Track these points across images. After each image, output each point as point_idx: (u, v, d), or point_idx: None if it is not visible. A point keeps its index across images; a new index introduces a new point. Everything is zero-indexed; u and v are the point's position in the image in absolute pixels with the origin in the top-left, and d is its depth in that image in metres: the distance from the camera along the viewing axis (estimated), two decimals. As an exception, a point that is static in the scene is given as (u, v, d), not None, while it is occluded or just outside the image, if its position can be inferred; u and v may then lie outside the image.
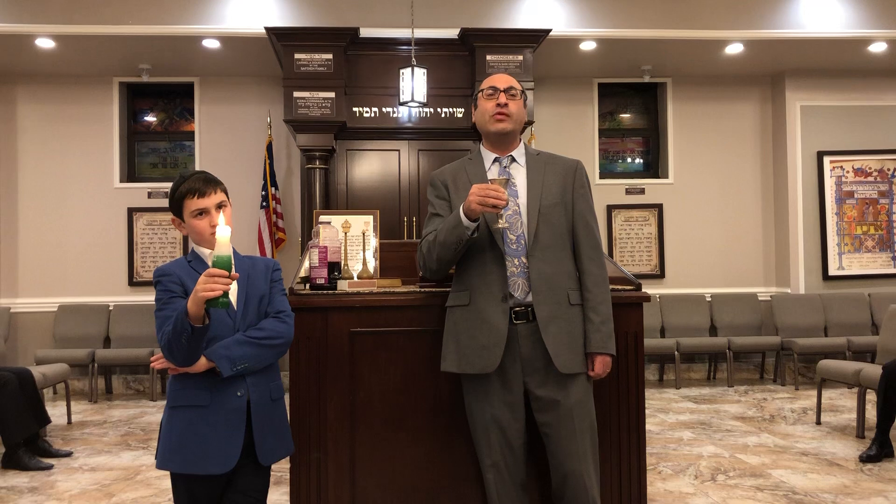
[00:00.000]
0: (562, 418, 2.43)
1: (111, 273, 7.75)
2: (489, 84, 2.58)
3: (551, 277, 2.45)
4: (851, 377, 5.30)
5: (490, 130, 2.56)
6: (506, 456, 2.46)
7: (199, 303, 1.93)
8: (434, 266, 2.52)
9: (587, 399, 2.49)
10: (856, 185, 8.19)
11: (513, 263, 2.45)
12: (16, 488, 4.29)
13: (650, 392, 7.20)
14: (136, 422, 6.17)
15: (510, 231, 2.47)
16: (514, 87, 2.56)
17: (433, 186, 2.64)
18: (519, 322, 2.44)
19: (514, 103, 2.55)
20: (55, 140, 7.76)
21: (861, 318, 7.86)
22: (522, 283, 2.45)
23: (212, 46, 6.96)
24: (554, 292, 2.45)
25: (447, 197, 2.58)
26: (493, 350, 2.41)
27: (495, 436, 2.46)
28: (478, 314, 2.44)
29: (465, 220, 2.37)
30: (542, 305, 2.43)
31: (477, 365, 2.43)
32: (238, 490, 2.19)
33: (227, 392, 2.12)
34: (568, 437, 2.43)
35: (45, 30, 6.57)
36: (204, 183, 2.19)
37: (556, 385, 2.43)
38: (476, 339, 2.44)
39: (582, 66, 7.77)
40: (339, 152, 6.91)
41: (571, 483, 2.43)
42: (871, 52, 7.47)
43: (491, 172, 2.57)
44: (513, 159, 2.59)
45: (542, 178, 2.54)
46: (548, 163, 2.59)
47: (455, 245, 2.41)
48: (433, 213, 2.60)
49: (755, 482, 4.19)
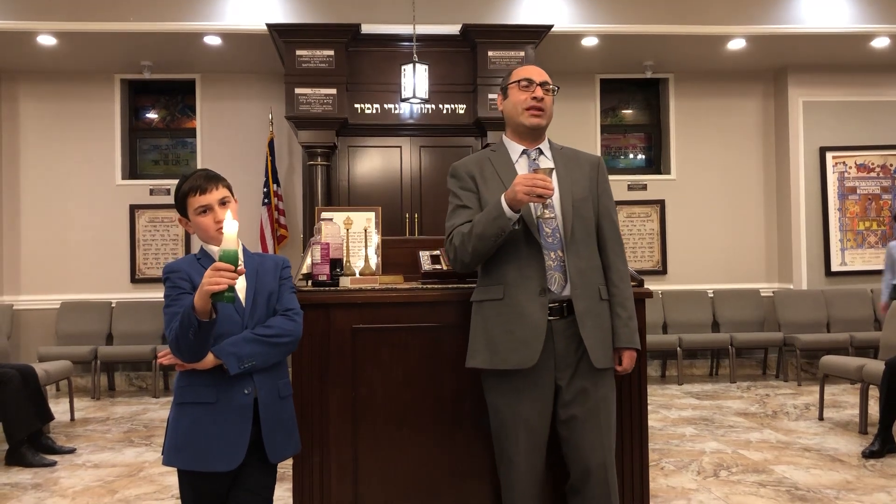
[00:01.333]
0: (589, 412, 2.41)
1: (113, 270, 7.75)
2: (525, 75, 2.52)
3: (585, 272, 2.43)
4: (854, 373, 5.30)
5: (524, 124, 2.51)
6: (531, 454, 2.43)
7: (204, 297, 1.93)
8: (468, 259, 2.44)
9: (612, 394, 2.49)
10: (858, 181, 8.17)
11: (549, 257, 2.41)
12: (19, 485, 4.30)
13: (652, 388, 7.20)
14: (138, 418, 6.18)
15: (545, 224, 2.43)
16: (549, 81, 2.53)
17: (457, 178, 2.56)
18: (553, 318, 2.40)
19: (549, 98, 2.51)
20: (57, 137, 7.77)
21: (863, 313, 7.85)
22: (559, 276, 2.41)
23: (213, 43, 6.95)
24: (588, 287, 2.43)
25: (475, 188, 2.52)
26: (532, 345, 2.36)
27: (523, 434, 2.41)
28: (514, 309, 2.39)
29: (508, 211, 2.32)
30: (580, 300, 2.40)
31: (512, 360, 2.38)
32: (245, 488, 2.19)
33: (235, 389, 2.11)
34: (594, 431, 2.41)
35: (46, 27, 6.57)
36: (205, 180, 2.19)
37: (587, 380, 2.41)
38: (513, 335, 2.38)
39: (584, 61, 7.76)
40: (341, 149, 6.90)
41: (595, 476, 2.41)
42: (873, 47, 7.45)
43: (519, 165, 2.52)
44: (540, 152, 2.56)
45: (570, 173, 2.51)
46: (572, 157, 2.57)
47: (495, 237, 2.35)
48: (459, 204, 2.52)
49: (758, 478, 4.19)
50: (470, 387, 2.72)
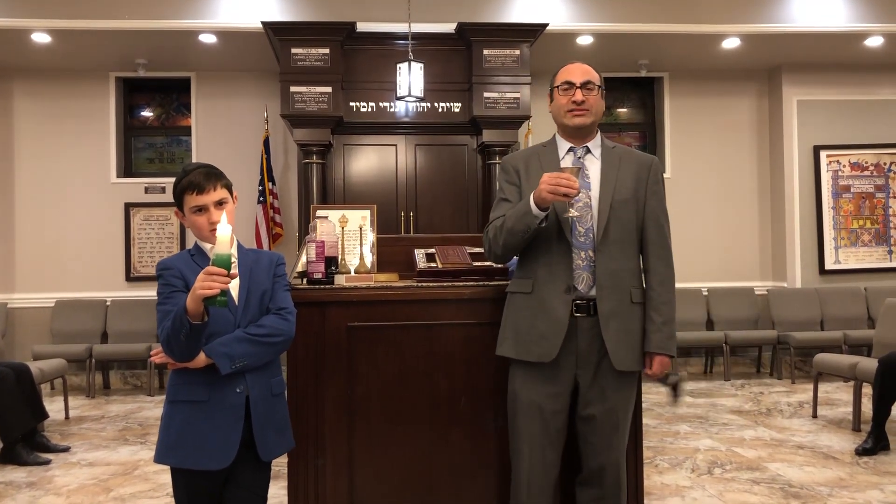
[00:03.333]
0: (607, 412, 2.44)
1: (108, 268, 7.74)
2: (565, 78, 2.53)
3: (616, 273, 2.42)
4: (847, 371, 5.32)
5: (567, 124, 2.52)
6: (544, 446, 2.45)
7: (197, 300, 1.93)
8: (500, 252, 2.48)
9: (633, 396, 2.53)
10: (852, 180, 8.20)
11: (579, 256, 2.42)
12: (14, 483, 4.30)
13: (647, 386, 7.21)
14: (133, 417, 6.17)
15: (579, 223, 2.43)
16: (591, 80, 2.52)
17: (504, 171, 2.59)
18: (580, 315, 2.41)
19: (591, 96, 2.51)
20: (52, 135, 7.74)
21: (857, 311, 7.88)
22: (587, 276, 2.41)
23: (208, 41, 6.94)
24: (617, 289, 2.42)
25: (518, 182, 2.54)
26: (553, 340, 2.39)
27: (537, 424, 2.44)
28: (539, 303, 2.42)
29: (535, 209, 2.33)
30: (605, 301, 2.40)
31: (534, 353, 2.41)
32: (238, 485, 2.19)
33: (227, 388, 2.11)
34: (611, 431, 2.45)
35: (40, 24, 6.55)
36: (205, 178, 2.17)
37: (609, 380, 2.43)
38: (536, 328, 2.42)
39: (579, 60, 7.71)
40: (336, 147, 6.90)
41: (609, 473, 2.47)
42: (867, 46, 7.48)
43: (565, 162, 2.52)
44: (588, 150, 2.54)
45: (615, 173, 2.49)
46: (623, 157, 2.55)
47: (523, 233, 2.37)
48: (502, 198, 2.55)
49: (751, 475, 4.21)
50: (465, 384, 2.74)
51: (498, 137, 6.77)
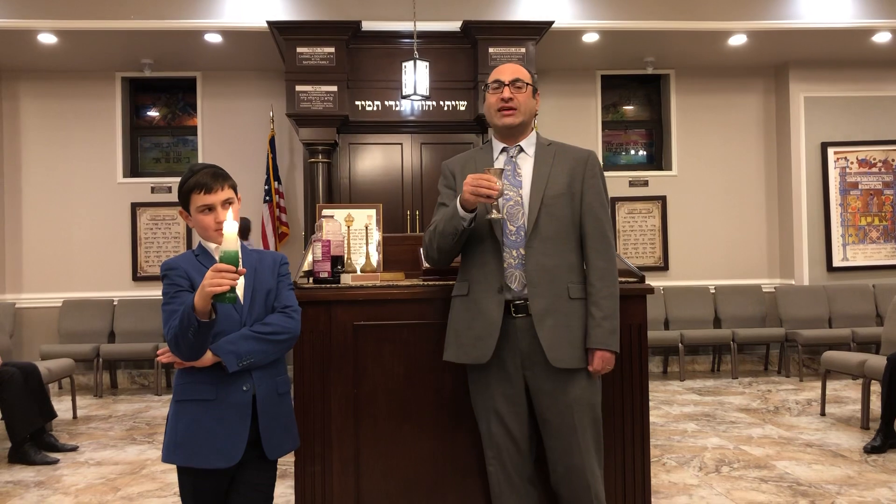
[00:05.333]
0: (561, 413, 2.40)
1: (115, 268, 7.76)
2: (494, 77, 2.52)
3: (551, 270, 2.40)
4: (856, 368, 5.30)
5: (497, 124, 2.53)
6: (508, 448, 2.45)
7: (205, 298, 1.93)
8: (435, 255, 2.51)
9: (589, 394, 2.44)
10: (860, 176, 8.16)
11: (510, 255, 2.42)
12: (22, 482, 4.31)
13: (654, 384, 7.20)
14: (141, 416, 6.19)
15: (510, 222, 2.43)
16: (520, 78, 2.49)
17: (443, 175, 2.62)
18: (518, 315, 2.40)
19: (520, 95, 2.49)
20: (58, 136, 7.77)
21: (865, 309, 7.85)
22: (519, 274, 2.41)
23: (214, 41, 6.95)
24: (552, 285, 2.40)
25: (454, 186, 2.55)
26: (487, 341, 2.39)
27: (497, 427, 2.45)
28: (474, 305, 2.43)
29: (461, 211, 2.35)
30: (538, 298, 2.39)
31: (471, 355, 2.43)
32: (245, 484, 2.20)
33: (233, 386, 2.11)
34: (568, 433, 2.40)
35: (47, 25, 6.57)
36: (212, 178, 2.17)
37: (556, 380, 2.40)
38: (472, 330, 2.43)
39: (585, 57, 7.75)
40: (342, 146, 6.90)
41: (572, 478, 2.41)
42: (875, 42, 7.44)
43: (498, 162, 2.53)
44: (521, 149, 2.55)
45: (548, 169, 2.49)
46: (558, 153, 2.54)
47: (452, 235, 2.40)
48: (440, 202, 2.56)
49: (759, 473, 4.20)
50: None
51: (504, 136, 6.74)
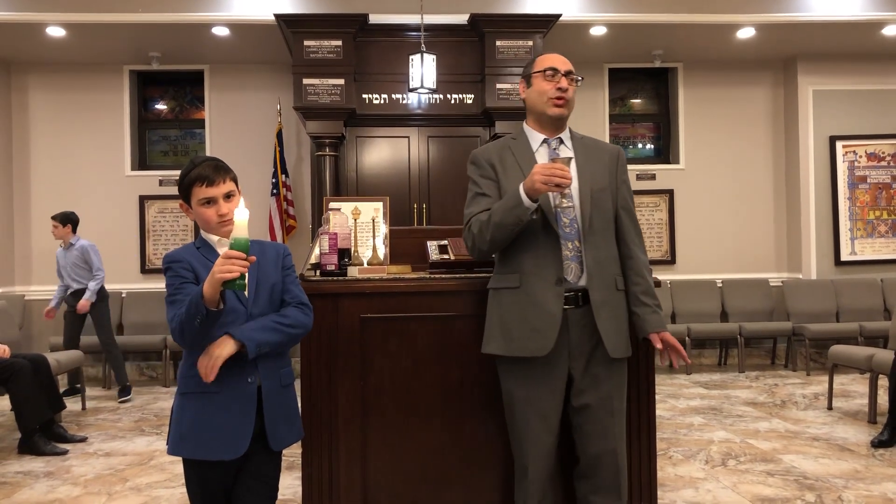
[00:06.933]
0: (602, 400, 2.43)
1: (123, 260, 7.79)
2: (549, 64, 2.49)
3: (603, 262, 2.44)
4: (863, 362, 5.29)
5: (547, 114, 2.50)
6: (543, 440, 2.44)
7: (215, 284, 1.93)
8: (486, 247, 2.45)
9: (624, 383, 2.52)
10: (868, 170, 8.13)
11: (566, 247, 2.41)
12: (32, 473, 4.35)
13: (661, 378, 7.20)
14: (149, 408, 6.22)
15: (563, 214, 2.43)
16: (573, 71, 2.52)
17: (477, 166, 2.57)
18: (568, 307, 2.41)
19: (572, 88, 2.50)
20: (67, 128, 7.80)
21: (873, 303, 7.83)
22: (576, 266, 2.41)
23: (221, 34, 6.96)
24: (605, 277, 2.44)
25: (494, 177, 2.52)
26: (547, 334, 2.37)
27: (534, 420, 2.43)
28: (529, 297, 2.40)
29: (527, 201, 2.31)
30: (596, 290, 2.41)
31: (528, 348, 2.39)
32: (250, 475, 2.20)
33: (238, 378, 2.11)
34: (606, 418, 2.44)
35: (55, 18, 6.59)
36: (214, 171, 2.17)
37: (601, 368, 2.43)
38: (528, 323, 2.39)
39: (592, 51, 7.73)
40: (349, 139, 6.91)
41: (605, 461, 2.44)
42: (884, 35, 7.40)
43: (539, 154, 2.52)
44: (561, 141, 2.55)
45: (589, 163, 2.50)
46: (591, 147, 2.56)
47: (513, 226, 2.36)
48: (478, 192, 2.52)
49: (766, 467, 4.20)
50: (478, 376, 2.74)
51: (511, 129, 6.72)
